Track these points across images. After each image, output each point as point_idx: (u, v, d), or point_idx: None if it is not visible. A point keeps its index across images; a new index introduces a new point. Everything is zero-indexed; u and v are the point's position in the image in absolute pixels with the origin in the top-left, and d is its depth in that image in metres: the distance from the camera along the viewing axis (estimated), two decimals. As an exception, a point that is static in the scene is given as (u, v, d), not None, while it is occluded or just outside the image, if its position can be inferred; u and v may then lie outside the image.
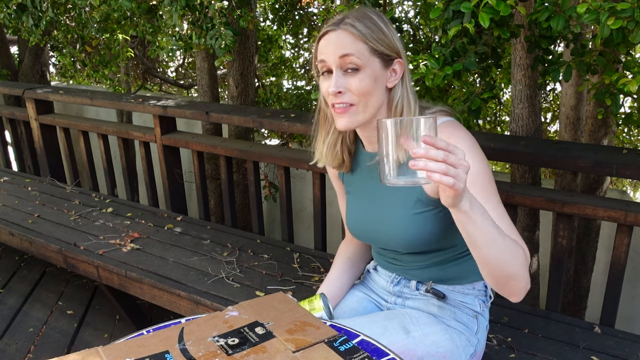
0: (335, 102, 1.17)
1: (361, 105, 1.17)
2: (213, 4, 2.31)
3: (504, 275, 1.04)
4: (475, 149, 1.16)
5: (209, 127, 3.54)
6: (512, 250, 1.03)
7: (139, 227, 2.59)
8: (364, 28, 1.15)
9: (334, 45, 1.15)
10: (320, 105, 1.30)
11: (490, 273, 1.05)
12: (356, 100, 1.16)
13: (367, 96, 1.16)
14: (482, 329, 1.36)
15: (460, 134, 1.17)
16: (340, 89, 1.15)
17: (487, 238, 0.99)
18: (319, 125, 1.33)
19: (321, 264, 2.19)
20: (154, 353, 0.96)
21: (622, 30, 1.38)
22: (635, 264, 2.90)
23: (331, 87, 1.15)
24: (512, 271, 1.03)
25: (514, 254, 1.03)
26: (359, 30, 1.14)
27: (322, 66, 1.18)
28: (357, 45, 1.14)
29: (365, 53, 1.15)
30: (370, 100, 1.17)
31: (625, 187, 5.15)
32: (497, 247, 1.00)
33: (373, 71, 1.16)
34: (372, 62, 1.16)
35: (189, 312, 2.01)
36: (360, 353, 0.95)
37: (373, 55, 1.16)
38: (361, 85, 1.15)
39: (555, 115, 4.60)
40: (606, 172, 1.75)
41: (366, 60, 1.15)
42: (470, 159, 1.13)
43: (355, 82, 1.15)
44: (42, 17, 3.01)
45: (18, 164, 4.05)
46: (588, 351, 1.61)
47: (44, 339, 2.69)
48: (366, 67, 1.15)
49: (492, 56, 1.74)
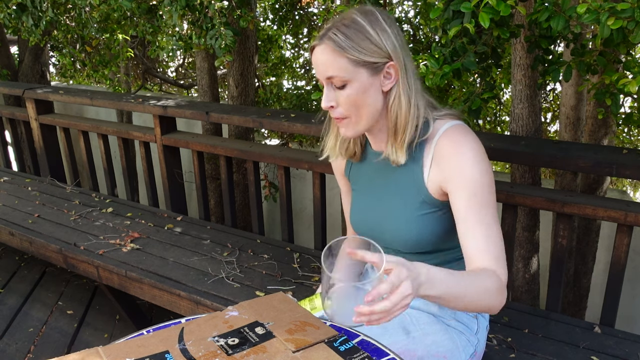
0: (332, 115, 1.19)
1: (354, 117, 1.16)
2: (213, 4, 2.31)
3: (478, 310, 1.08)
4: (478, 158, 1.14)
5: (209, 127, 3.54)
6: (483, 290, 1.05)
7: (139, 227, 2.59)
8: (345, 40, 1.11)
9: (319, 64, 1.14)
10: None
11: (465, 310, 1.09)
12: (347, 114, 1.16)
13: (359, 108, 1.15)
14: (482, 328, 1.36)
15: (466, 140, 1.15)
16: (331, 103, 1.15)
17: (454, 298, 1.00)
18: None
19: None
20: (154, 353, 0.96)
21: (622, 30, 1.38)
22: (635, 264, 2.90)
23: (322, 103, 1.17)
24: (484, 306, 1.07)
25: (485, 292, 1.05)
26: (340, 44, 1.11)
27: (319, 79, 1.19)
28: (339, 61, 1.11)
29: (348, 67, 1.12)
30: (363, 111, 1.16)
31: (625, 187, 5.15)
32: (466, 299, 1.02)
33: (361, 83, 1.13)
34: (357, 74, 1.13)
35: (189, 312, 2.01)
36: (360, 353, 0.96)
37: (357, 66, 1.12)
38: (349, 100, 1.14)
39: (555, 115, 4.60)
40: (606, 172, 1.74)
41: (351, 73, 1.12)
42: (470, 170, 1.13)
43: (343, 97, 1.14)
44: (42, 17, 3.01)
45: (18, 164, 4.05)
46: (588, 351, 1.61)
47: (44, 339, 2.69)
48: (353, 80, 1.13)
49: (492, 56, 1.74)
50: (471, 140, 1.16)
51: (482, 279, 1.06)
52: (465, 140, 1.15)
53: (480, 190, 1.13)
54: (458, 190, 1.15)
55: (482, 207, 1.13)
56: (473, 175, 1.13)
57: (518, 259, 2.46)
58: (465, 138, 1.16)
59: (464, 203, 1.14)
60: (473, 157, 1.13)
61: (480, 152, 1.15)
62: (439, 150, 1.18)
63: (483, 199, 1.13)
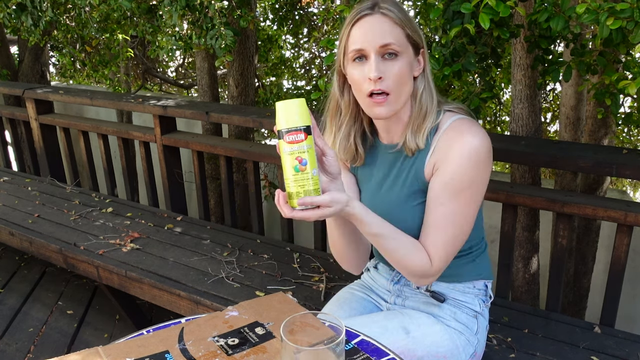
0: (374, 88, 1.13)
1: (395, 94, 1.15)
2: (213, 4, 2.31)
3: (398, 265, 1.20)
4: (473, 152, 1.13)
5: (209, 127, 3.54)
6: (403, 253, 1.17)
7: (139, 227, 2.59)
8: (401, 16, 1.13)
9: (373, 32, 1.12)
10: (334, 97, 1.27)
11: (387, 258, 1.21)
12: (392, 89, 1.14)
13: (403, 84, 1.15)
14: (482, 329, 1.36)
15: (469, 133, 1.14)
16: (381, 74, 1.12)
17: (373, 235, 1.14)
18: (329, 119, 1.30)
19: (321, 264, 2.19)
20: (154, 353, 0.96)
21: (621, 31, 1.38)
22: (635, 264, 2.90)
23: (372, 73, 1.12)
24: (401, 267, 1.19)
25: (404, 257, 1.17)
26: (398, 16, 1.13)
27: (356, 53, 1.15)
28: (396, 31, 1.13)
29: (402, 40, 1.14)
30: (404, 89, 1.16)
31: (625, 187, 5.15)
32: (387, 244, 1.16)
33: (409, 58, 1.15)
34: (407, 49, 1.15)
35: (189, 312, 2.01)
36: (361, 354, 0.96)
37: (408, 42, 1.15)
38: (400, 72, 1.13)
39: (555, 115, 4.60)
40: (606, 172, 1.75)
41: (404, 47, 1.14)
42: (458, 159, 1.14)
43: (395, 69, 1.13)
44: (41, 17, 3.01)
45: (18, 164, 4.05)
46: (588, 351, 1.61)
47: (44, 339, 2.69)
48: (404, 54, 1.14)
49: (491, 56, 1.74)
50: (474, 135, 1.14)
51: (411, 247, 1.18)
52: (467, 133, 1.15)
53: (459, 179, 1.14)
54: (439, 174, 1.17)
55: (455, 195, 1.14)
56: (461, 163, 1.13)
57: (518, 259, 2.46)
58: (469, 132, 1.15)
59: (438, 186, 1.16)
60: (468, 150, 1.13)
61: (478, 150, 1.14)
62: (443, 140, 1.18)
63: (462, 188, 1.14)
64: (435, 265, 1.17)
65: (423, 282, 1.22)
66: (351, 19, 1.15)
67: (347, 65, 1.18)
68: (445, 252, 1.17)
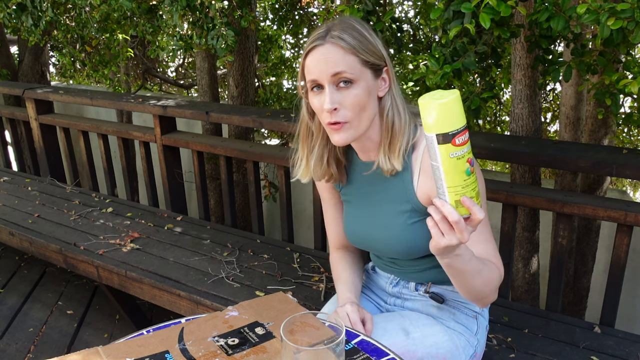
0: (330, 120, 1.13)
1: (355, 120, 1.13)
2: (214, 4, 2.31)
3: (478, 296, 1.15)
4: None
5: (209, 127, 3.54)
6: (488, 277, 1.11)
7: (139, 227, 2.59)
8: (352, 40, 1.11)
9: (325, 61, 1.11)
10: (304, 120, 1.26)
11: (467, 295, 1.15)
12: (349, 117, 1.12)
13: (361, 111, 1.13)
14: (482, 329, 1.36)
15: None
16: (335, 105, 1.11)
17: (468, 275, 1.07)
18: (301, 141, 1.29)
19: (321, 264, 2.19)
20: (154, 353, 0.96)
21: (622, 31, 1.38)
22: (635, 264, 2.90)
23: (326, 104, 1.11)
24: (486, 292, 1.13)
25: (489, 280, 1.11)
26: (348, 42, 1.11)
27: (312, 83, 1.14)
28: (348, 59, 1.11)
29: (356, 66, 1.11)
30: (364, 115, 1.14)
31: (625, 187, 5.15)
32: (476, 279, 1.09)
33: (366, 83, 1.13)
34: (364, 74, 1.13)
35: (189, 312, 2.01)
36: (361, 354, 0.96)
37: (364, 67, 1.12)
38: (356, 100, 1.12)
39: (555, 115, 4.60)
40: (606, 172, 1.74)
41: (358, 73, 1.12)
42: None
43: (350, 97, 1.11)
44: (41, 17, 3.01)
45: (18, 164, 4.05)
46: (588, 351, 1.61)
47: (44, 339, 2.69)
48: (360, 80, 1.12)
49: (492, 56, 1.74)
50: None
51: (490, 271, 1.12)
52: None
53: None
54: None
55: None
56: None
57: (518, 259, 2.46)
58: None
59: None
60: None
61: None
62: (427, 159, 1.16)
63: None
64: (501, 269, 1.17)
65: (495, 296, 1.18)
66: (305, 48, 1.15)
67: (308, 94, 1.18)
68: (497, 254, 1.18)
